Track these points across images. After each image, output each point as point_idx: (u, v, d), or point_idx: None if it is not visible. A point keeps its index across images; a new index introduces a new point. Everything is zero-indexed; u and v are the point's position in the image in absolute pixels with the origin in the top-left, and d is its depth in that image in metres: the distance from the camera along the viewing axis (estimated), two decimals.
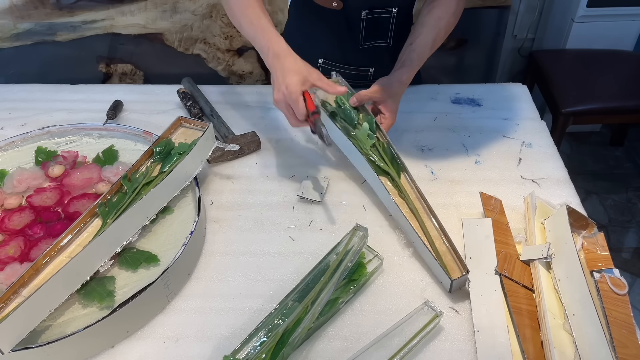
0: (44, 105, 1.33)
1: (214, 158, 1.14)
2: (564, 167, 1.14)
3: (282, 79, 0.94)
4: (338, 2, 1.15)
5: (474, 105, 1.32)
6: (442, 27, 1.09)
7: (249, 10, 1.01)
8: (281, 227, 1.02)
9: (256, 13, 1.01)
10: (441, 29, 1.09)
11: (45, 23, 1.98)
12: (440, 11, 1.10)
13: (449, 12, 1.10)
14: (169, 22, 2.01)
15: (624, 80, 2.14)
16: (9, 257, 0.91)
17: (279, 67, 0.96)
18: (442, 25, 1.09)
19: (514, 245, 0.94)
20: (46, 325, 0.82)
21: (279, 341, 0.77)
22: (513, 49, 2.49)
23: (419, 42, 1.09)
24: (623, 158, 2.57)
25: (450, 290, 0.89)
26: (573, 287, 0.82)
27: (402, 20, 1.22)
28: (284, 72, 0.95)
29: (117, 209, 0.93)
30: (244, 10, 1.02)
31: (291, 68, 0.95)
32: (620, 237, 2.21)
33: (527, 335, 0.80)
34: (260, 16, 1.01)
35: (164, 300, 0.88)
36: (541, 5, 2.38)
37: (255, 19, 1.00)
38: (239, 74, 2.18)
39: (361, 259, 0.92)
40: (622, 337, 0.78)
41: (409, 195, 1.00)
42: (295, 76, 0.94)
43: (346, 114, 1.10)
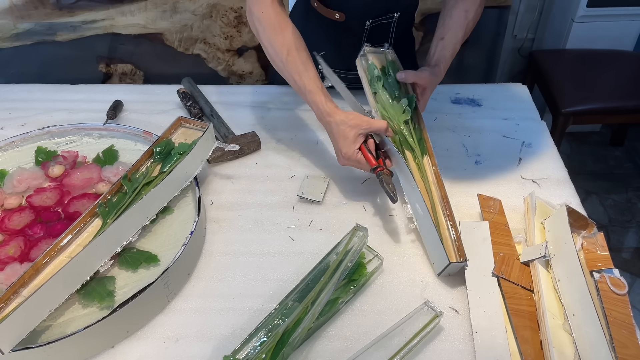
0: (44, 105, 1.33)
1: (214, 158, 1.14)
2: (564, 167, 1.14)
3: (336, 145, 1.00)
4: (340, 14, 1.15)
5: (474, 105, 1.32)
6: (471, 19, 1.10)
7: (290, 58, 1.00)
8: (281, 227, 1.02)
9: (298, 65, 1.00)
10: (469, 21, 1.10)
11: (45, 23, 1.98)
12: (467, 4, 1.10)
13: (475, 4, 1.10)
14: (169, 22, 2.01)
15: (624, 80, 2.14)
16: (9, 257, 0.91)
17: (329, 131, 1.01)
18: (470, 17, 1.10)
19: (514, 245, 0.94)
20: (46, 325, 0.82)
21: (279, 341, 0.77)
22: (513, 49, 2.49)
23: (450, 39, 1.09)
24: (623, 158, 2.57)
25: (440, 273, 0.90)
26: (573, 287, 0.82)
27: (403, 24, 1.22)
28: (335, 137, 1.00)
29: (117, 209, 0.93)
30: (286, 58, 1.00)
31: (339, 132, 0.98)
32: (620, 237, 2.21)
33: (526, 336, 0.80)
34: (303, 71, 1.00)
35: (164, 300, 0.88)
36: (541, 5, 2.38)
37: (297, 74, 1.00)
38: (239, 74, 2.18)
39: (361, 259, 0.92)
40: (622, 337, 0.78)
41: (427, 175, 1.02)
42: (345, 140, 0.98)
43: (390, 83, 1.13)
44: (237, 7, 1.95)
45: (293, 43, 1.00)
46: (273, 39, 1.00)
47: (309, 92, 1.00)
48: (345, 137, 0.98)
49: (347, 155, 0.98)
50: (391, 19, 1.18)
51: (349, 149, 0.98)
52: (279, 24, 1.00)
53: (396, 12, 1.17)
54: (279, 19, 1.00)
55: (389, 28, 1.21)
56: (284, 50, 1.00)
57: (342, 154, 0.99)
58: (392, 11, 1.17)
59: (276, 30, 1.00)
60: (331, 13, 1.15)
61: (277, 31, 1.00)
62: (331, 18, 1.16)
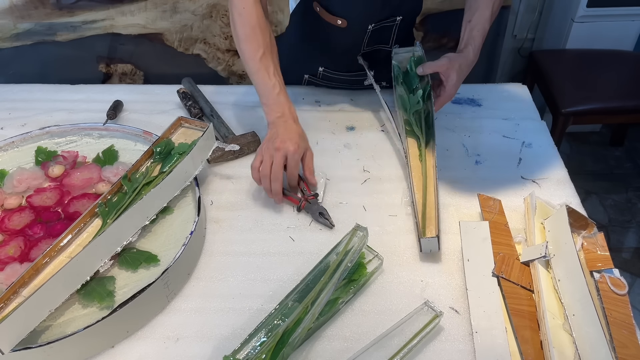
0: (44, 105, 1.32)
1: (214, 158, 1.14)
2: (564, 167, 1.14)
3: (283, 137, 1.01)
4: (343, 20, 1.15)
5: (474, 105, 1.32)
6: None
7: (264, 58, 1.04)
8: (281, 227, 1.02)
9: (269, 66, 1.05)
10: (495, 1, 1.09)
11: (45, 23, 1.98)
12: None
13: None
14: (169, 22, 2.01)
15: (624, 80, 2.14)
16: (9, 257, 0.91)
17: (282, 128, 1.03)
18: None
19: (514, 245, 0.94)
20: (46, 325, 0.82)
21: (279, 341, 0.77)
22: (513, 49, 2.49)
23: (478, 19, 1.08)
24: (623, 158, 2.57)
25: (421, 249, 0.94)
26: (573, 287, 0.82)
27: (405, 26, 1.22)
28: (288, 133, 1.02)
29: (117, 209, 0.93)
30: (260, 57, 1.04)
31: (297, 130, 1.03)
32: (620, 237, 2.21)
33: (526, 336, 0.80)
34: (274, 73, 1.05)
35: (164, 300, 0.88)
36: (541, 5, 2.38)
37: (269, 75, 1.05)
38: (239, 74, 2.18)
39: (361, 259, 0.92)
40: (622, 337, 0.78)
41: (426, 162, 1.05)
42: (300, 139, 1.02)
43: (408, 78, 1.16)
44: None
45: (270, 46, 1.05)
46: (251, 37, 1.03)
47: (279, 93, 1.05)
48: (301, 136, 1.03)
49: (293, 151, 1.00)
50: (393, 22, 1.18)
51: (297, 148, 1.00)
52: (259, 25, 1.04)
53: (399, 16, 1.17)
54: (259, 20, 1.04)
55: (391, 30, 1.21)
56: (260, 50, 1.03)
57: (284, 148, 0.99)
58: (395, 15, 1.17)
59: (255, 30, 1.03)
60: (333, 19, 1.15)
61: (257, 31, 1.03)
62: (333, 24, 1.16)
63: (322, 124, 1.26)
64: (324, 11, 1.15)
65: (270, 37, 1.06)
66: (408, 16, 1.20)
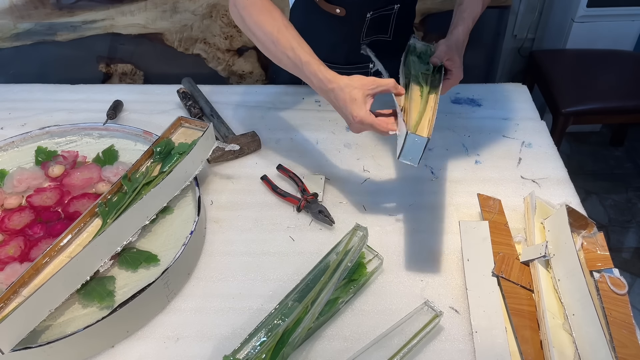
0: (44, 105, 1.33)
1: (214, 158, 1.14)
2: (564, 167, 1.14)
3: (346, 111, 0.92)
4: (341, 9, 1.15)
5: (474, 105, 1.32)
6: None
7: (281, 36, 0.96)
8: (281, 227, 1.02)
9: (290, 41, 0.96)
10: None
11: (45, 23, 1.98)
12: None
13: None
14: (169, 22, 2.01)
15: (624, 80, 2.14)
16: (9, 257, 0.91)
17: (334, 99, 0.94)
18: None
19: (514, 245, 0.94)
20: (46, 325, 0.82)
21: (279, 341, 0.77)
22: (513, 49, 2.49)
23: (468, 2, 1.07)
24: (623, 158, 2.57)
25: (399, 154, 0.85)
26: (573, 287, 0.82)
27: (403, 15, 1.22)
28: (342, 103, 0.92)
29: (117, 209, 0.93)
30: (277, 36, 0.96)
31: (347, 96, 0.91)
32: (620, 237, 2.21)
33: (526, 336, 0.80)
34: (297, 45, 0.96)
35: (164, 300, 0.88)
36: (541, 5, 2.38)
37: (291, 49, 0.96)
38: (239, 74, 2.18)
39: (361, 259, 0.92)
40: (622, 337, 0.78)
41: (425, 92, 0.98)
42: (354, 103, 0.91)
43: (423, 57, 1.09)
44: None
45: (282, 22, 0.97)
46: (261, 21, 0.97)
47: (306, 64, 0.94)
48: (354, 99, 0.90)
49: (361, 118, 0.90)
50: (391, 10, 1.18)
51: (361, 111, 0.90)
52: (265, 7, 0.98)
53: (396, 4, 1.17)
54: (264, 3, 0.98)
55: (389, 19, 1.21)
56: (274, 31, 0.96)
57: (354, 119, 0.91)
58: (393, 3, 1.17)
59: (264, 13, 0.97)
60: (332, 8, 1.15)
61: (265, 14, 0.97)
62: (332, 13, 1.16)
63: (322, 123, 1.26)
64: (322, 1, 1.15)
65: (282, 14, 0.98)
66: (406, 4, 1.20)
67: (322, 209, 1.02)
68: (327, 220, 1.00)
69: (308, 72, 0.95)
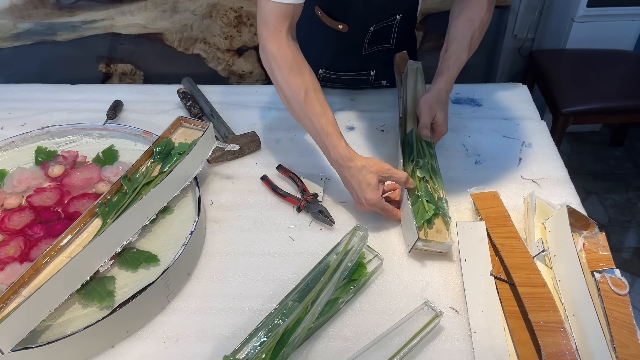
0: (44, 105, 1.32)
1: (214, 158, 1.14)
2: (564, 167, 1.14)
3: (358, 191, 0.96)
4: (344, 25, 1.15)
5: (474, 105, 1.32)
6: (476, 27, 1.06)
7: (308, 100, 0.97)
8: (281, 227, 1.02)
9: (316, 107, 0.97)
10: (475, 30, 1.06)
11: (45, 23, 1.98)
12: (471, 12, 1.07)
13: (481, 11, 1.07)
14: (169, 22, 2.01)
15: (624, 80, 2.14)
16: (9, 257, 0.91)
17: (347, 176, 0.97)
18: (475, 26, 1.06)
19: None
20: (46, 325, 0.82)
21: (279, 341, 0.77)
22: (513, 49, 2.48)
23: (454, 49, 1.06)
24: (623, 158, 2.57)
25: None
26: (573, 287, 0.82)
27: (405, 24, 1.22)
28: (356, 183, 0.96)
29: (117, 209, 0.93)
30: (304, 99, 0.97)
31: (362, 178, 0.95)
32: (620, 237, 2.21)
33: (523, 338, 0.80)
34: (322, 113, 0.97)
35: (164, 300, 0.88)
36: (541, 5, 2.38)
37: (315, 116, 0.97)
38: (239, 74, 2.18)
39: (361, 259, 0.92)
40: (623, 337, 0.78)
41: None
42: (369, 187, 0.95)
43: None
44: (237, 7, 1.95)
45: (311, 84, 0.97)
46: (290, 79, 0.96)
47: (328, 135, 0.96)
48: (368, 183, 0.95)
49: (373, 202, 0.95)
50: (393, 21, 1.18)
51: (374, 196, 0.95)
52: (297, 64, 0.96)
53: (398, 15, 1.17)
54: (296, 59, 0.96)
55: (391, 30, 1.21)
56: (301, 91, 0.96)
57: (366, 201, 0.96)
58: (395, 14, 1.17)
59: (293, 70, 0.96)
60: (335, 24, 1.15)
61: (295, 71, 0.96)
62: (334, 28, 1.16)
63: None
64: (325, 16, 1.15)
65: (311, 74, 0.99)
66: (407, 14, 1.20)
67: (322, 209, 1.02)
68: (327, 221, 1.00)
69: (329, 143, 0.97)
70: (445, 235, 0.93)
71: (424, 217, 0.93)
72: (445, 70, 1.07)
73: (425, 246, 0.92)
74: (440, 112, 1.07)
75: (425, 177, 1.01)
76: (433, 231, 0.93)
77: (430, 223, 0.94)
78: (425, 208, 0.95)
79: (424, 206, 0.95)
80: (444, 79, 1.07)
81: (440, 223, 0.94)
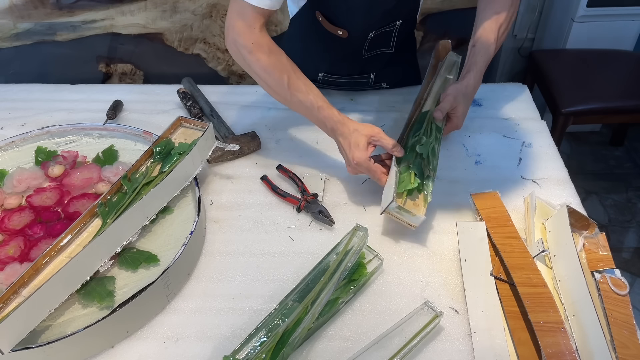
0: (44, 105, 1.32)
1: (214, 158, 1.14)
2: (564, 167, 1.14)
3: (348, 153, 1.00)
4: (343, 31, 1.15)
5: (474, 105, 1.32)
6: (502, 21, 1.07)
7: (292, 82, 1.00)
8: (281, 227, 1.02)
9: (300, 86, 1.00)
10: (502, 23, 1.07)
11: (45, 23, 1.98)
12: (497, 5, 1.07)
13: (507, 3, 1.07)
14: (169, 22, 2.01)
15: (624, 80, 2.14)
16: (9, 257, 0.91)
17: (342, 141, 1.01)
18: (501, 20, 1.07)
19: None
20: (46, 325, 0.82)
21: (279, 341, 0.77)
22: (513, 48, 2.49)
23: (481, 44, 1.07)
24: (623, 158, 2.57)
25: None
26: (573, 287, 0.82)
27: (405, 29, 1.21)
28: (347, 145, 1.00)
29: (117, 209, 0.93)
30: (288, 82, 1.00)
31: (352, 140, 0.99)
32: (620, 237, 2.21)
33: (523, 339, 0.80)
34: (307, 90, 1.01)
35: (164, 300, 0.88)
36: (541, 5, 2.38)
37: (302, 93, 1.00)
38: (239, 74, 2.18)
39: (361, 259, 0.92)
40: (623, 337, 0.78)
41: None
42: (357, 147, 0.99)
43: None
44: None
45: (290, 67, 1.01)
46: (270, 68, 0.98)
47: (320, 109, 1.00)
48: (357, 144, 0.99)
49: (359, 161, 0.98)
50: (393, 26, 1.18)
51: (362, 155, 0.98)
52: (273, 52, 0.99)
53: (398, 21, 1.17)
54: (271, 48, 0.99)
55: (391, 35, 1.21)
56: (284, 77, 0.99)
57: (353, 161, 0.99)
58: (395, 21, 1.17)
59: (272, 59, 0.99)
60: (335, 29, 1.15)
61: (273, 59, 0.99)
62: (334, 34, 1.16)
63: None
64: (325, 21, 1.15)
65: (287, 57, 1.02)
66: (407, 19, 1.20)
67: (322, 209, 1.02)
68: (327, 221, 1.00)
69: (323, 116, 1.01)
70: (421, 210, 0.94)
71: (407, 186, 0.95)
72: (474, 67, 1.07)
73: (398, 213, 0.93)
74: (462, 105, 1.07)
75: (423, 155, 1.02)
76: (411, 203, 0.95)
77: (412, 195, 0.96)
78: (411, 179, 0.97)
79: (410, 177, 0.97)
80: (472, 75, 1.07)
81: (421, 200, 0.96)
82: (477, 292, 0.87)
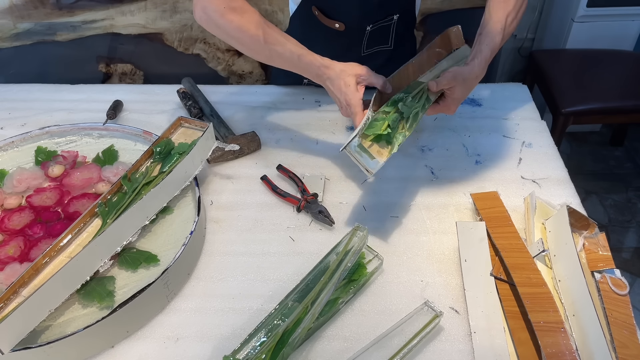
0: (44, 105, 1.32)
1: (214, 158, 1.14)
2: (564, 167, 1.14)
3: (339, 95, 0.98)
4: (340, 24, 1.14)
5: (474, 105, 1.32)
6: (510, 10, 1.04)
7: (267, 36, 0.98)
8: (281, 227, 1.02)
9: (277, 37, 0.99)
10: (510, 12, 1.04)
11: (45, 23, 1.98)
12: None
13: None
14: (169, 22, 2.01)
15: (624, 80, 2.14)
16: (9, 257, 0.91)
17: (330, 84, 0.99)
18: (509, 9, 1.04)
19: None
20: (46, 325, 0.82)
21: (279, 341, 0.77)
22: (513, 48, 2.49)
23: (488, 32, 1.04)
24: (623, 158, 2.57)
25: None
26: (573, 287, 0.82)
27: (403, 25, 1.22)
28: (336, 88, 0.98)
29: (117, 209, 0.93)
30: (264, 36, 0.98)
31: (341, 81, 0.97)
32: (620, 237, 2.21)
33: (522, 339, 0.80)
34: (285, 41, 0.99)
35: (164, 300, 0.88)
36: (541, 5, 2.38)
37: (280, 45, 0.99)
38: (239, 74, 2.18)
39: (361, 259, 0.92)
40: (623, 337, 0.78)
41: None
42: (348, 88, 0.96)
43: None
44: None
45: (262, 21, 0.99)
46: (243, 25, 0.97)
47: (300, 56, 0.98)
48: (348, 85, 0.96)
49: (352, 102, 0.95)
50: (391, 21, 1.18)
51: (354, 97, 0.95)
52: (242, 10, 0.98)
53: (396, 14, 1.17)
54: (242, 6, 0.98)
55: (389, 30, 1.21)
56: (259, 31, 0.97)
57: (345, 103, 0.96)
58: (391, 13, 1.17)
59: (244, 17, 0.98)
60: (331, 22, 1.15)
61: (246, 18, 0.98)
62: (331, 27, 1.16)
63: (322, 124, 1.26)
64: (322, 15, 1.15)
65: (259, 14, 1.00)
66: (405, 14, 1.19)
67: (322, 209, 1.02)
68: (327, 221, 1.00)
69: (304, 63, 0.99)
70: (382, 157, 0.91)
71: (376, 131, 0.93)
72: (479, 54, 1.03)
73: (357, 153, 0.91)
74: (460, 88, 1.01)
75: (404, 115, 0.98)
76: (375, 148, 0.92)
77: (380, 143, 0.93)
78: (381, 127, 0.94)
79: (383, 125, 0.94)
80: (476, 62, 1.03)
81: (385, 151, 0.93)
82: (477, 292, 0.87)
